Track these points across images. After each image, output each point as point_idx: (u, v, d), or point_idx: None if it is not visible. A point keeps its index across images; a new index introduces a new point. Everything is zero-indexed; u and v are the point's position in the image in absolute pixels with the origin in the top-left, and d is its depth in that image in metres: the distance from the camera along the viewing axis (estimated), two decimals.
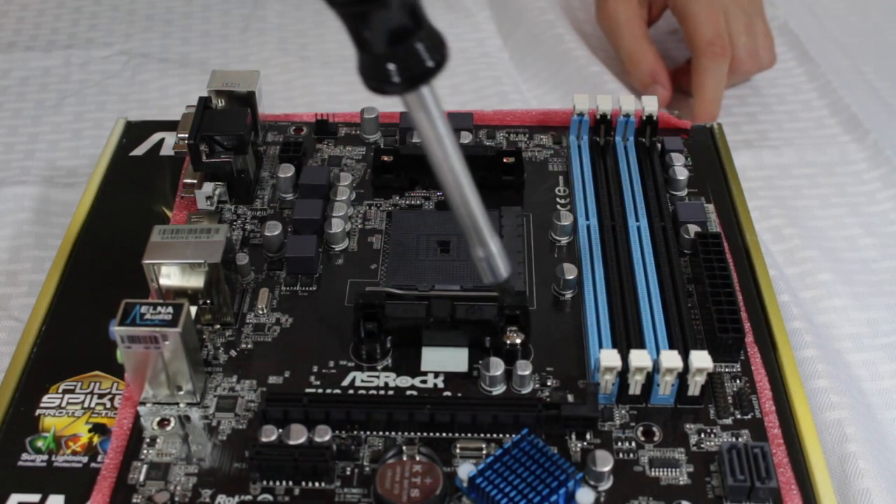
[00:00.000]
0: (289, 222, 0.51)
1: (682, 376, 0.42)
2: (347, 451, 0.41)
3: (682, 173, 0.52)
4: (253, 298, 0.47)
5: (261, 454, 0.39)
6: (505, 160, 0.52)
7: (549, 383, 0.43)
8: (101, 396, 0.44)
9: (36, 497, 0.40)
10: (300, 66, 0.73)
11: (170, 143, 0.58)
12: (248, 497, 0.39)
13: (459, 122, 0.55)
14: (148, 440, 0.42)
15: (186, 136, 0.50)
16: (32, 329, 0.47)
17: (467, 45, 0.75)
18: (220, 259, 0.43)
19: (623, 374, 0.42)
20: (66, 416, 0.43)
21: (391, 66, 0.34)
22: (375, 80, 0.34)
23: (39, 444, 0.42)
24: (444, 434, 0.41)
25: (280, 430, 0.40)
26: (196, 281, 0.44)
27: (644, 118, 0.54)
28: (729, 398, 0.43)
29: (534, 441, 0.39)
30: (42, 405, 0.44)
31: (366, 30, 0.33)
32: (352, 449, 0.41)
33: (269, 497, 0.39)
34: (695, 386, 0.42)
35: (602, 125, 0.54)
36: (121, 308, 0.40)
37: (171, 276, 0.44)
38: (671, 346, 0.42)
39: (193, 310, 0.44)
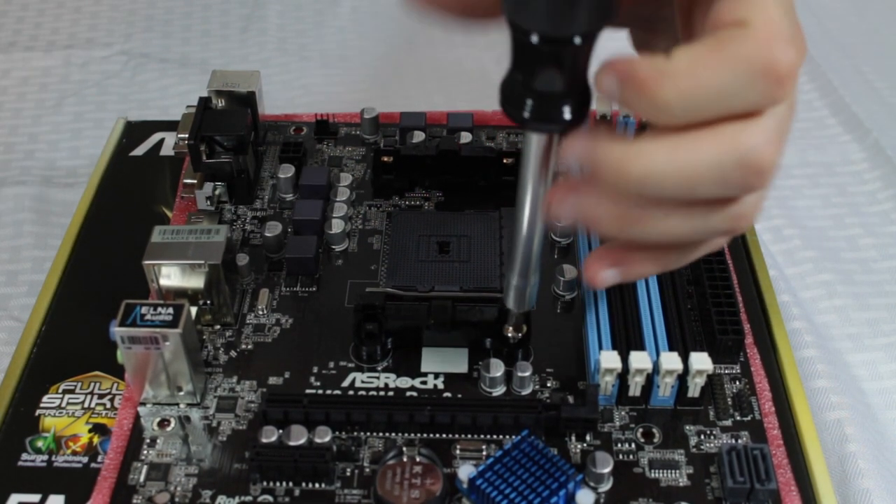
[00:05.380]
0: (289, 223, 0.51)
1: (682, 378, 0.42)
2: (347, 452, 0.41)
3: None
4: (253, 299, 0.47)
5: (261, 455, 0.39)
6: (505, 161, 0.52)
7: (549, 384, 0.43)
8: (101, 396, 0.44)
9: (36, 497, 0.40)
10: (300, 66, 0.73)
11: (170, 143, 0.58)
12: (249, 498, 0.39)
13: (459, 121, 0.55)
14: (148, 441, 0.42)
15: (186, 136, 0.49)
16: (32, 329, 0.47)
17: (471, 44, 0.75)
18: (220, 260, 0.43)
19: (623, 375, 0.42)
20: (66, 417, 0.43)
21: (528, 101, 0.34)
22: (509, 102, 0.35)
23: (39, 444, 0.42)
24: (444, 435, 0.41)
25: (280, 431, 0.40)
26: (196, 281, 0.44)
27: (643, 119, 0.54)
28: (729, 400, 0.43)
29: (534, 442, 0.39)
30: (42, 405, 0.44)
31: (537, 63, 0.33)
32: (352, 450, 0.41)
33: (270, 498, 0.39)
34: (694, 387, 0.42)
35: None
36: (121, 309, 0.40)
37: (171, 276, 0.44)
38: (671, 348, 0.42)
39: (193, 310, 0.44)
